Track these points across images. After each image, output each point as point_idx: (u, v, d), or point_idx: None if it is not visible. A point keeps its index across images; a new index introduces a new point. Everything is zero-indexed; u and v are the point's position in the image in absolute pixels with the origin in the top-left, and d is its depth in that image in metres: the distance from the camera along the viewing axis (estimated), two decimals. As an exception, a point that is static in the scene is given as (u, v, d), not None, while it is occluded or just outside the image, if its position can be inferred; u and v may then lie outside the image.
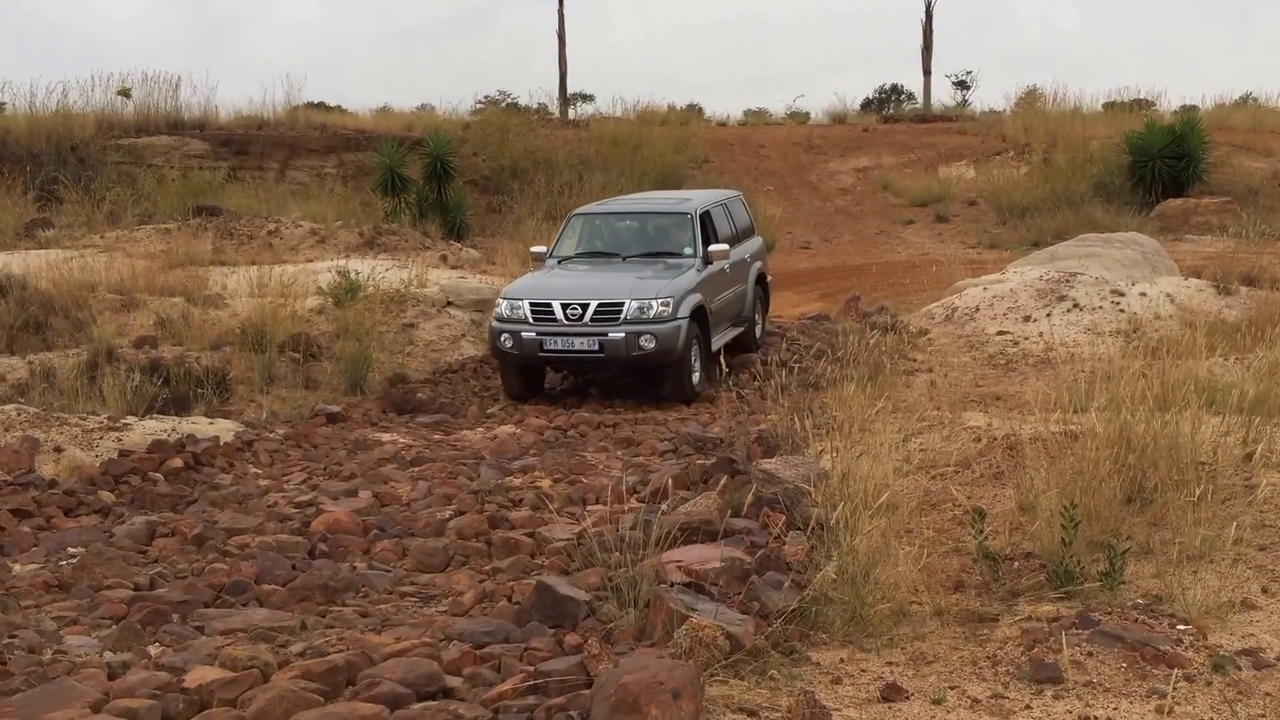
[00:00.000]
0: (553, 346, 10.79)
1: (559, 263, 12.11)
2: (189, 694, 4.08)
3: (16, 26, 73.29)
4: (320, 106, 33.18)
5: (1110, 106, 33.46)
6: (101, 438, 8.49)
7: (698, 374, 11.14)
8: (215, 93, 40.08)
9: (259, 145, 27.42)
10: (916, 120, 35.57)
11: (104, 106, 27.08)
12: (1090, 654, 4.43)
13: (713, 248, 11.73)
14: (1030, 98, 34.51)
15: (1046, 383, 8.45)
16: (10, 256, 15.41)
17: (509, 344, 10.88)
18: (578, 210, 13.27)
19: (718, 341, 11.77)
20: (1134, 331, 11.73)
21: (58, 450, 8.08)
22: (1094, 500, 5.69)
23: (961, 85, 39.46)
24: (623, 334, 10.65)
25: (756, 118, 38.29)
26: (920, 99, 39.15)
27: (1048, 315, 13.04)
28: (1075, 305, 13.19)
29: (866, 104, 42.25)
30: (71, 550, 6.33)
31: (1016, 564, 5.51)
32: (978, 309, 13.75)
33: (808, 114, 37.67)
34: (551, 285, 11.29)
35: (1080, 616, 4.70)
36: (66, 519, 6.96)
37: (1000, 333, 12.79)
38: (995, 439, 7.70)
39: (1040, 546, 5.53)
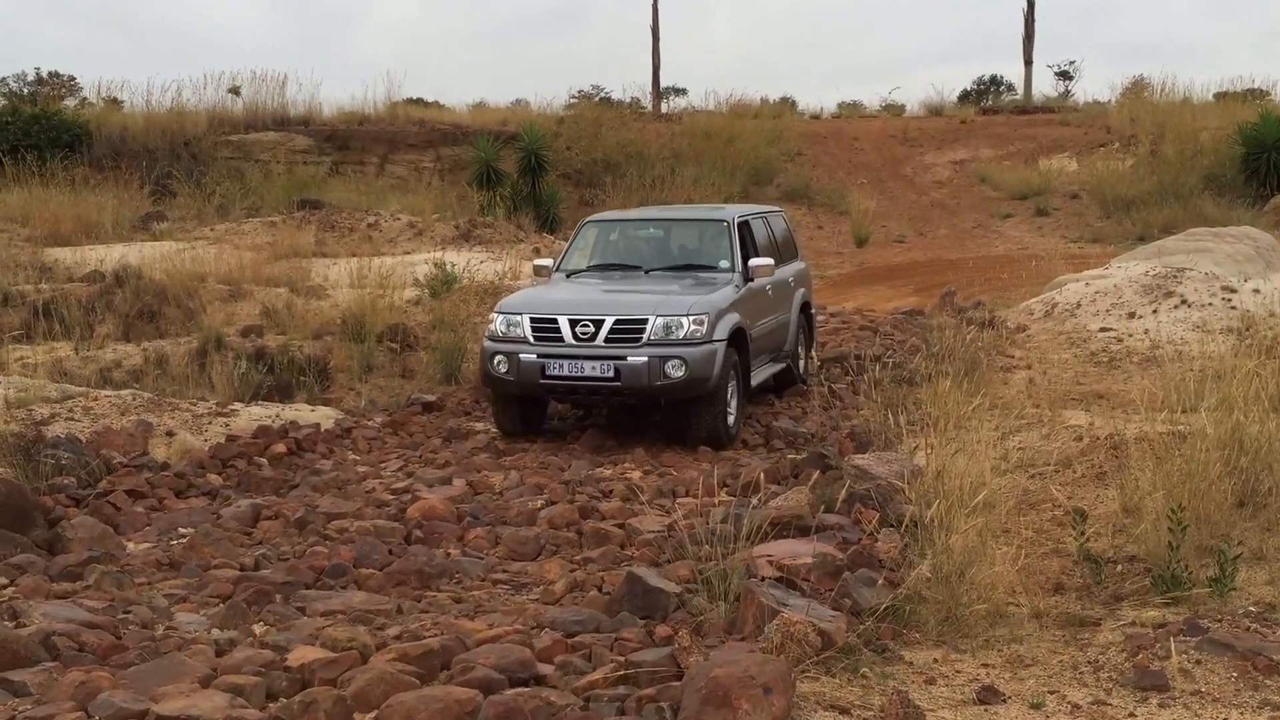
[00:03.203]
0: (557, 372, 8.71)
1: (567, 276, 10.12)
2: (291, 672, 4.19)
3: (135, 29, 75.99)
4: (419, 102, 33.80)
5: (1222, 97, 32.37)
6: (210, 423, 8.78)
7: (734, 413, 9.06)
8: (319, 90, 41.23)
9: (360, 140, 28.05)
10: (1016, 112, 34.82)
11: (215, 104, 28.07)
12: (1198, 662, 4.30)
13: (755, 262, 9.73)
14: (1137, 88, 33.59)
15: (1153, 381, 8.21)
16: (127, 248, 16.03)
17: (504, 368, 8.85)
18: (591, 217, 11.25)
19: (757, 375, 9.83)
20: (1247, 329, 11.32)
21: (169, 434, 8.37)
22: (1203, 503, 5.53)
23: (1064, 75, 38.49)
24: (645, 358, 8.56)
25: (850, 110, 37.91)
26: (1020, 90, 38.29)
27: (1154, 312, 12.66)
28: (1183, 302, 12.79)
29: (964, 96, 41.51)
30: (182, 530, 6.56)
31: (1120, 567, 5.38)
32: (1079, 305, 13.41)
33: (903, 106, 37.22)
34: (558, 299, 9.25)
35: (1188, 623, 4.57)
36: (177, 500, 7.21)
37: (1103, 329, 12.46)
38: (1098, 438, 7.52)
39: (1145, 550, 5.39)
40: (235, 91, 28.37)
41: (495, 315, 9.23)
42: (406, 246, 18.65)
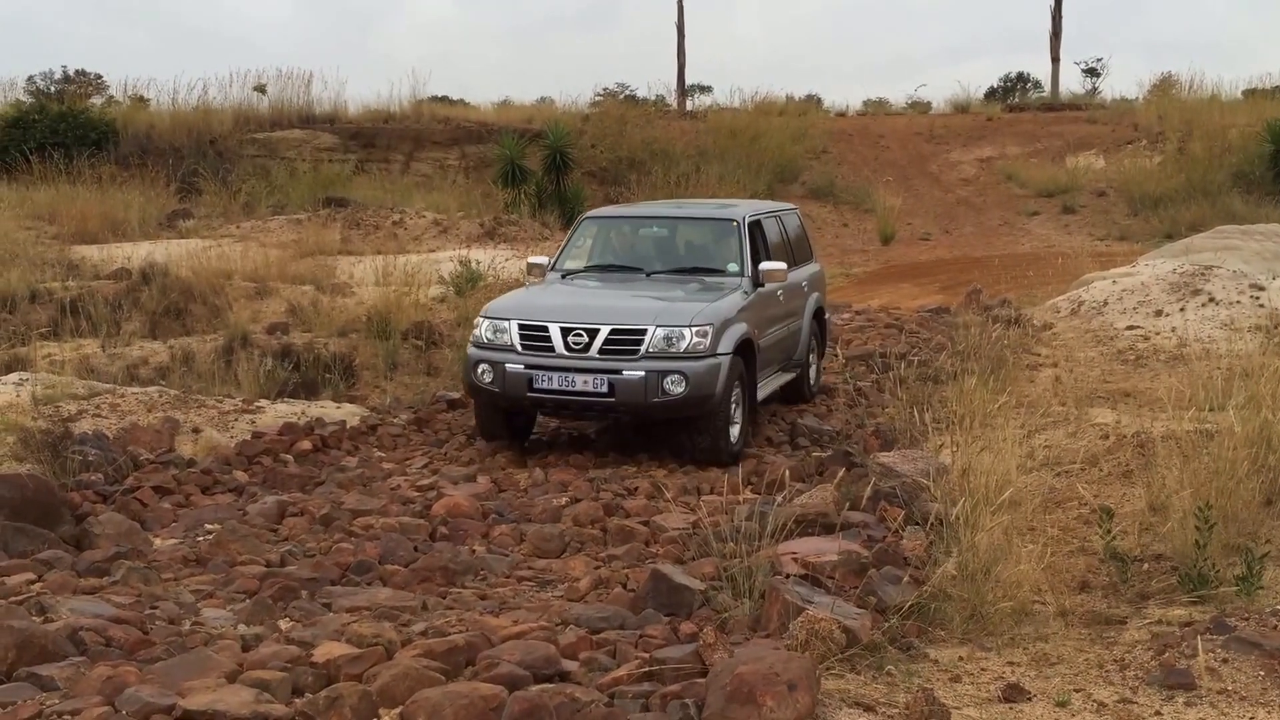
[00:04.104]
0: (545, 385, 8.01)
1: (562, 277, 9.38)
2: (317, 668, 4.21)
3: (161, 27, 76.60)
4: (444, 100, 33.92)
5: (1251, 94, 32.14)
6: (236, 420, 8.83)
7: (738, 428, 8.33)
8: (345, 88, 41.42)
9: (385, 138, 28.16)
10: (1043, 109, 34.60)
11: (241, 102, 28.22)
12: (1225, 660, 4.27)
13: (766, 266, 8.91)
14: (1165, 85, 33.32)
15: (1180, 379, 8.15)
16: (154, 246, 16.17)
17: (488, 378, 8.19)
18: (590, 213, 10.50)
19: (765, 388, 9.10)
20: (1275, 327, 11.21)
21: (196, 431, 8.43)
22: (1230, 501, 5.49)
23: (1091, 72, 38.19)
24: (642, 372, 7.87)
25: (876, 107, 37.76)
26: (1047, 87, 38.01)
27: (1181, 310, 12.55)
28: (1211, 299, 12.67)
29: (991, 93, 41.27)
30: (208, 527, 6.60)
31: (1146, 565, 5.35)
32: (1106, 303, 13.31)
33: (929, 103, 37.07)
34: (549, 303, 8.56)
35: (1214, 621, 4.54)
36: (204, 497, 7.26)
37: (1130, 327, 12.37)
38: (1124, 436, 7.48)
39: (1172, 548, 5.35)
40: (261, 89, 28.53)
41: (480, 319, 8.50)
42: (431, 244, 18.73)
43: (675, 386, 7.87)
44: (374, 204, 21.51)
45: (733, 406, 8.23)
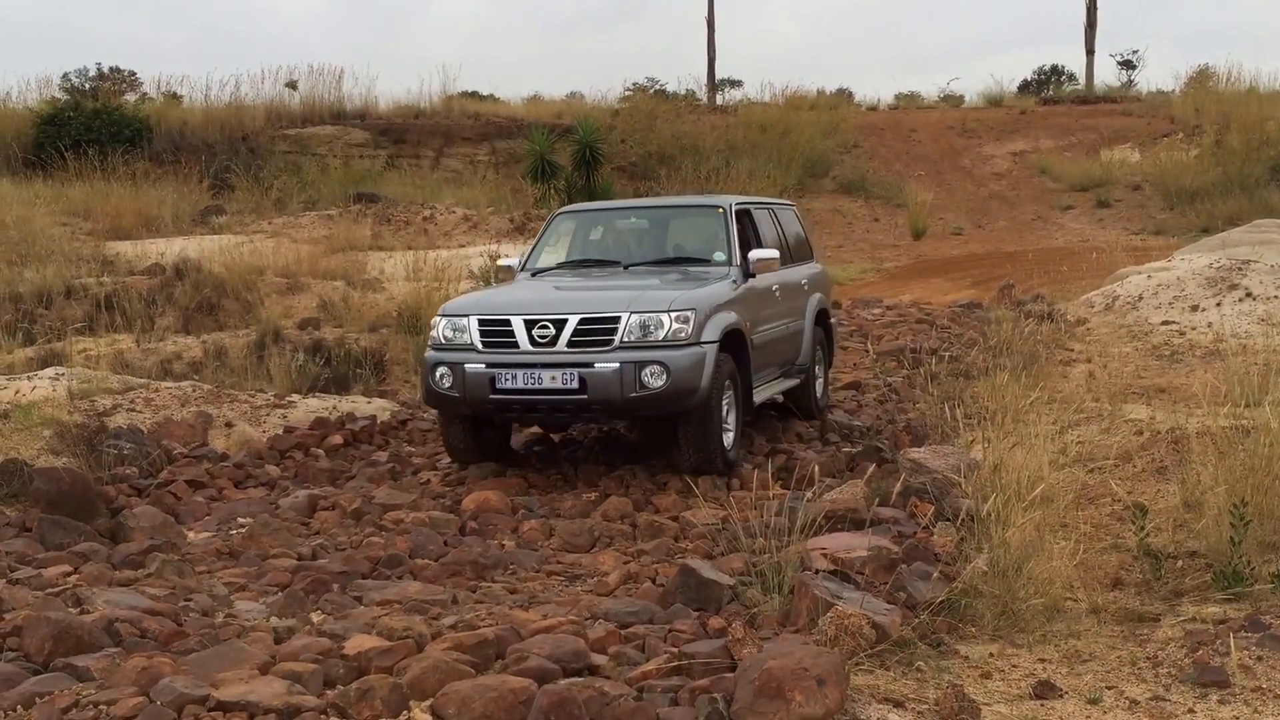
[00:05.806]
0: (510, 384, 7.15)
1: (533, 276, 8.58)
2: (348, 660, 4.24)
3: (193, 25, 77.30)
4: (474, 95, 34.06)
5: (1290, 85, 31.62)
6: (268, 414, 8.91)
7: (732, 432, 7.56)
8: (375, 84, 41.79)
9: (416, 134, 28.30)
10: (1077, 102, 34.29)
11: (273, 98, 28.48)
12: (1260, 658, 4.23)
13: (756, 254, 8.13)
14: (1201, 77, 32.91)
15: (1215, 375, 8.05)
16: (187, 242, 16.33)
17: (447, 382, 7.34)
18: (565, 208, 9.68)
19: (762, 392, 8.22)
20: (1314, 322, 11.07)
21: (229, 425, 8.51)
22: (1266, 498, 5.41)
23: (1127, 65, 37.89)
24: (616, 364, 7.02)
25: (908, 101, 37.53)
26: (1082, 80, 37.69)
27: (1217, 305, 12.40)
28: (1248, 294, 12.52)
29: (1024, 86, 40.96)
30: (241, 520, 6.66)
31: (1180, 563, 5.29)
32: (1141, 298, 13.18)
33: (962, 97, 36.79)
34: (512, 298, 7.74)
35: (1249, 619, 4.49)
36: (236, 490, 7.33)
37: (1165, 322, 12.24)
38: (1159, 433, 7.41)
39: (1206, 545, 5.29)
40: (293, 86, 28.77)
41: (437, 319, 7.69)
42: (461, 239, 18.81)
43: (655, 379, 7.02)
44: (404, 199, 21.65)
45: (725, 409, 7.46)
